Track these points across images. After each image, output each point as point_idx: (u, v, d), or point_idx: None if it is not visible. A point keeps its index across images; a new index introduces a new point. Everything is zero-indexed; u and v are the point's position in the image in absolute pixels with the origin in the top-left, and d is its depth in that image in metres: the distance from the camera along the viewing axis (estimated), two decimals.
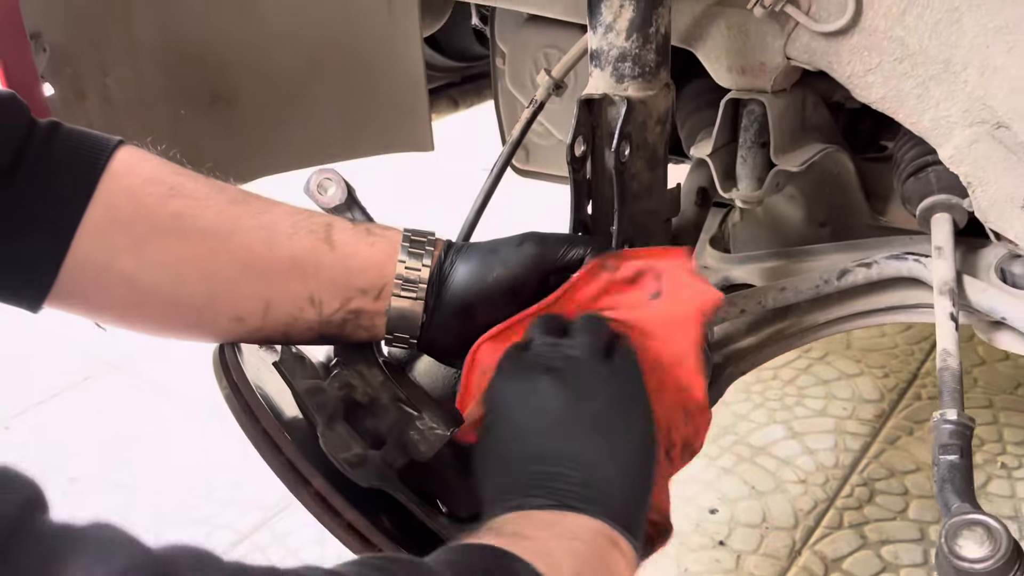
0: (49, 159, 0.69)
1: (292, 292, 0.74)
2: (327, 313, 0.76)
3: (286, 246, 0.74)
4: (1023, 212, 0.87)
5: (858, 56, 0.89)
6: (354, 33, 1.20)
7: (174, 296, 0.73)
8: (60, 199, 0.69)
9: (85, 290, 0.71)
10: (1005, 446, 1.55)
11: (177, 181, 0.73)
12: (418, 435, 0.75)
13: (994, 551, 0.70)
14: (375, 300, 0.76)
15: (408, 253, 0.77)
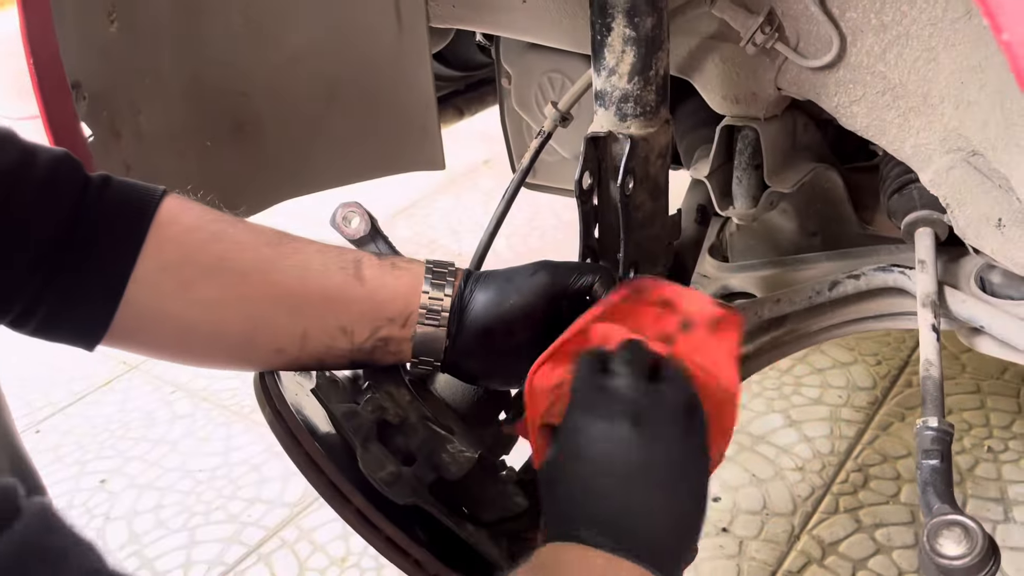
0: (103, 212, 0.76)
1: (326, 324, 0.81)
2: (358, 342, 0.83)
3: (319, 283, 0.81)
4: (997, 231, 0.95)
5: (843, 88, 0.96)
6: (367, 58, 1.26)
7: (218, 332, 0.80)
8: (114, 249, 0.76)
9: (136, 331, 0.78)
10: (992, 430, 1.63)
11: (218, 228, 0.80)
12: (449, 458, 0.82)
13: (971, 549, 0.78)
14: (402, 328, 0.83)
15: (431, 284, 0.84)
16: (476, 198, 2.90)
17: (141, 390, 2.11)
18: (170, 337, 0.80)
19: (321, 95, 1.26)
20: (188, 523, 1.67)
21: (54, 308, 0.74)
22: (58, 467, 1.86)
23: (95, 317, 0.75)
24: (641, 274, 0.98)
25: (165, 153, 1.14)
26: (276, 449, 1.89)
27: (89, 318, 0.76)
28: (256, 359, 0.83)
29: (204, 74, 1.16)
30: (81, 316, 0.76)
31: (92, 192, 0.76)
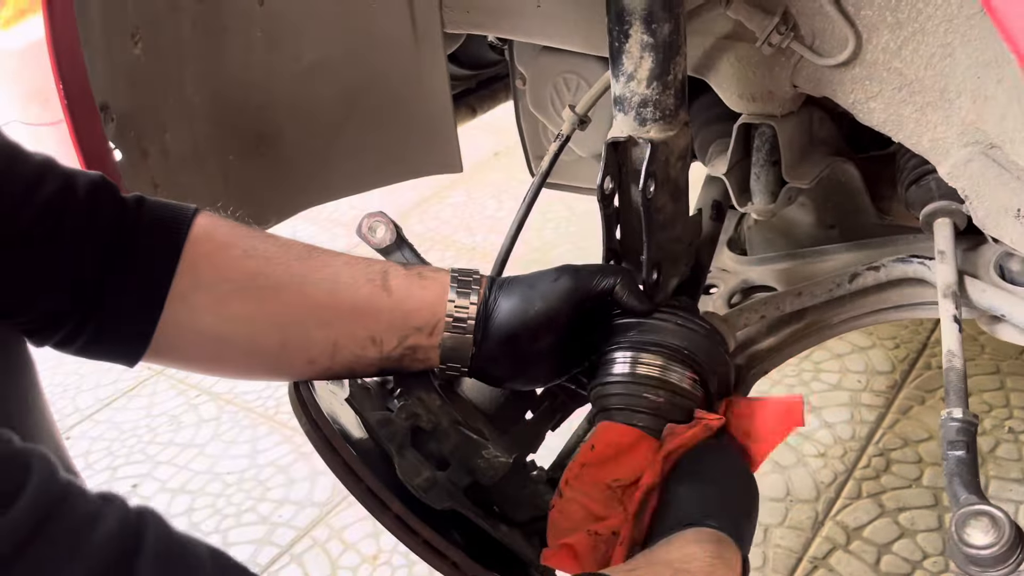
0: (139, 234, 0.78)
1: (356, 335, 0.84)
2: (387, 350, 0.85)
3: (348, 295, 0.83)
4: (1017, 221, 0.96)
5: (860, 85, 0.97)
6: (384, 67, 1.28)
7: (253, 345, 0.83)
8: (151, 270, 0.78)
9: (174, 347, 0.80)
10: (1012, 411, 1.64)
11: (249, 244, 0.82)
12: (485, 464, 0.85)
13: (999, 538, 0.79)
14: (429, 336, 0.85)
15: (456, 292, 0.86)
16: (488, 191, 2.92)
17: (166, 394, 2.14)
18: (206, 352, 0.83)
19: (340, 104, 1.28)
20: (220, 526, 1.70)
21: (97, 329, 0.77)
22: (90, 473, 1.89)
23: (136, 336, 0.78)
24: (665, 276, 1.00)
25: (191, 169, 1.16)
26: (303, 450, 1.93)
27: (130, 337, 0.78)
28: (289, 370, 0.85)
29: (226, 90, 1.18)
30: (122, 336, 0.79)
31: (129, 214, 0.78)
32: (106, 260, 0.76)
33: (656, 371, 0.86)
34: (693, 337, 0.89)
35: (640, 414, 0.84)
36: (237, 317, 0.81)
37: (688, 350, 0.88)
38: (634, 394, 0.85)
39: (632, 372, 0.86)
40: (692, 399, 0.88)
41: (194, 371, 0.89)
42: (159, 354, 0.81)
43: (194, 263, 0.79)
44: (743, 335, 1.14)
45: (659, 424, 0.85)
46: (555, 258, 2.40)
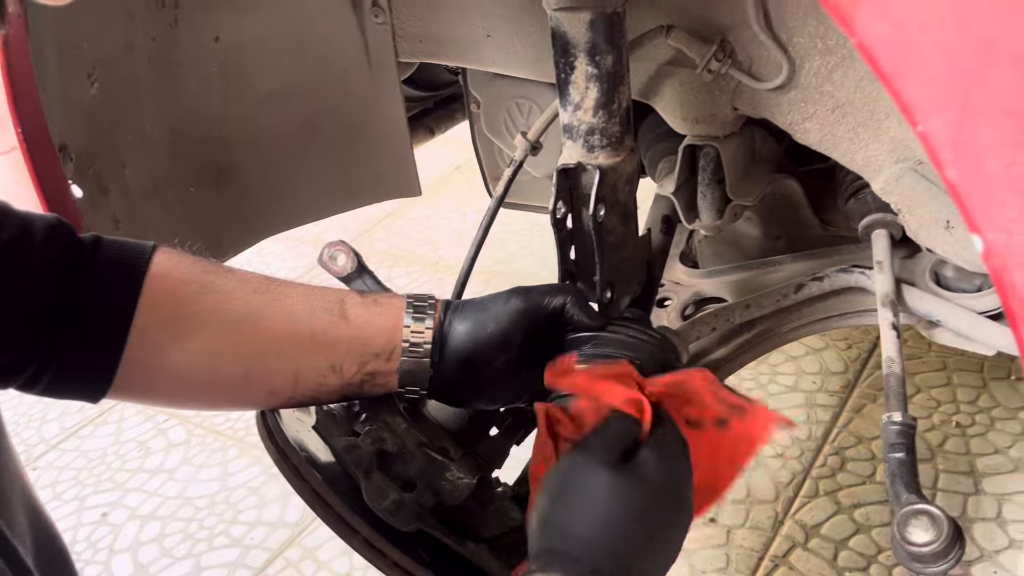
0: (98, 274, 0.80)
1: (316, 364, 0.86)
2: (347, 377, 0.87)
3: (306, 326, 0.85)
4: (947, 232, 1.01)
5: (796, 107, 1.02)
6: (340, 97, 1.30)
7: (215, 378, 0.84)
8: (112, 309, 0.79)
9: (136, 383, 0.82)
10: (959, 406, 1.70)
11: (207, 280, 0.84)
12: (449, 485, 0.88)
13: (938, 535, 0.84)
14: (387, 361, 0.87)
15: (412, 318, 0.88)
16: (450, 205, 2.95)
17: (134, 420, 2.14)
18: (169, 387, 0.84)
19: (297, 135, 1.30)
20: (193, 550, 1.71)
21: (59, 371, 0.79)
22: (58, 504, 1.89)
23: (99, 375, 0.80)
24: (618, 295, 1.03)
25: (151, 204, 1.18)
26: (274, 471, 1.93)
27: (93, 376, 0.80)
28: (252, 401, 0.87)
29: (184, 124, 1.20)
30: (86, 375, 0.80)
31: (87, 255, 0.80)
32: (65, 303, 0.77)
33: None
34: (644, 348, 0.92)
35: None
36: (199, 351, 0.82)
37: (639, 360, 0.91)
38: None
39: None
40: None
41: (158, 405, 0.91)
42: (122, 391, 0.82)
43: (154, 300, 0.80)
44: (696, 347, 1.18)
45: None
46: (518, 269, 2.44)
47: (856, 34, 0.40)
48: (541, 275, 2.38)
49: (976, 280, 1.10)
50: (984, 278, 1.10)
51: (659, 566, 0.70)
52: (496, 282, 2.37)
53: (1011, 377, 1.75)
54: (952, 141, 0.39)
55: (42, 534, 0.82)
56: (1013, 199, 0.39)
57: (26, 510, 0.80)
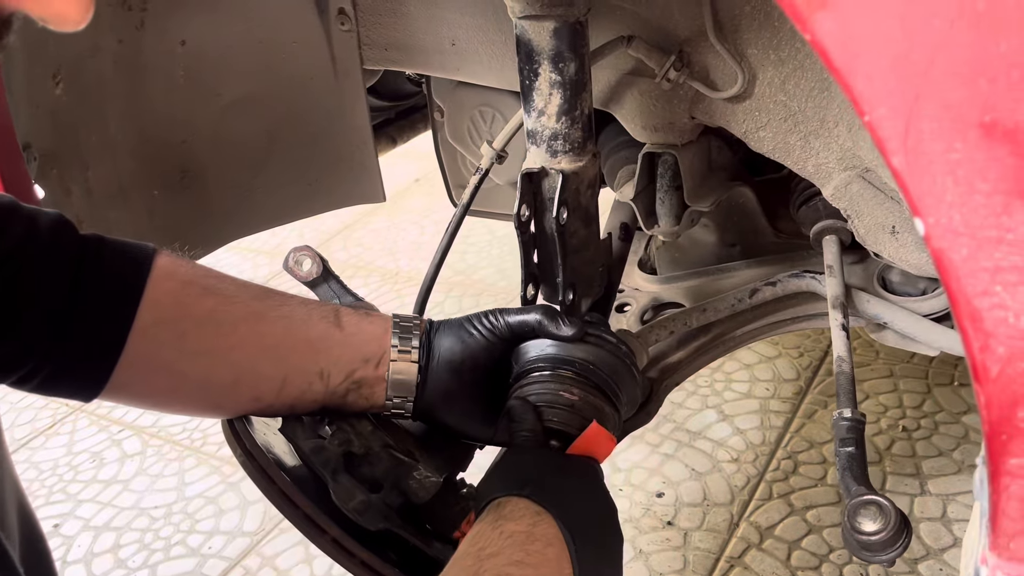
0: (101, 273, 0.80)
1: (305, 369, 0.87)
2: (333, 385, 0.88)
3: (302, 331, 0.87)
4: (892, 237, 1.06)
5: (750, 116, 1.06)
6: (305, 103, 1.32)
7: (206, 381, 0.85)
8: (114, 307, 0.80)
9: (132, 382, 0.82)
10: (905, 411, 1.76)
11: (209, 283, 0.86)
12: (417, 484, 0.89)
13: (886, 525, 0.88)
14: (376, 367, 0.88)
15: (400, 327, 0.90)
16: (410, 218, 2.96)
17: (87, 431, 2.11)
18: (161, 387, 0.85)
19: (261, 139, 1.31)
20: (148, 560, 1.69)
21: (58, 368, 0.79)
22: None
23: (96, 373, 0.80)
24: (580, 296, 1.06)
25: (115, 206, 1.18)
26: (232, 480, 1.92)
27: (90, 375, 0.80)
28: (234, 407, 0.88)
29: (148, 127, 1.20)
30: (83, 374, 0.80)
31: (90, 253, 0.81)
32: (67, 300, 0.78)
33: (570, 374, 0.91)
34: (599, 353, 0.94)
35: (555, 409, 0.89)
36: (196, 352, 0.83)
37: (594, 364, 0.93)
38: (552, 392, 0.89)
39: (551, 376, 0.91)
40: (594, 409, 0.92)
41: (145, 407, 0.90)
42: (115, 390, 0.82)
43: (156, 300, 0.81)
44: (655, 350, 1.21)
45: (574, 420, 0.89)
46: (478, 280, 2.46)
47: (809, 31, 0.43)
48: (500, 285, 2.40)
49: (920, 284, 1.16)
50: (928, 283, 1.15)
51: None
52: (456, 292, 2.39)
53: (954, 383, 1.82)
54: (896, 130, 0.42)
55: (30, 534, 0.81)
56: (952, 185, 0.43)
57: (17, 508, 0.80)
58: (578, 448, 0.88)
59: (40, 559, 0.85)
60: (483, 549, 0.72)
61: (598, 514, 0.81)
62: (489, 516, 0.76)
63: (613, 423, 0.93)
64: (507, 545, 0.72)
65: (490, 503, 0.78)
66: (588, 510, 0.80)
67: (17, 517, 0.80)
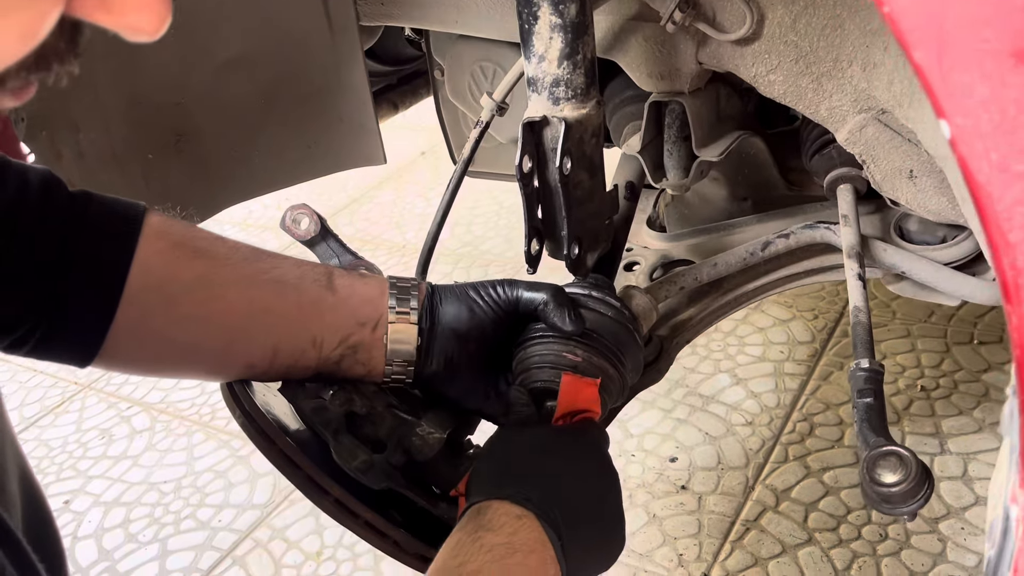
0: (91, 232, 0.78)
1: (298, 337, 0.84)
2: (326, 352, 0.85)
3: (294, 296, 0.84)
4: (910, 182, 1.02)
5: (760, 59, 1.01)
6: (301, 62, 1.28)
7: (197, 346, 0.82)
8: (105, 269, 0.78)
9: (123, 348, 0.80)
10: (923, 370, 1.72)
11: (199, 245, 0.82)
12: (420, 440, 0.86)
13: (906, 476, 0.85)
14: (372, 331, 0.85)
15: (397, 288, 0.87)
16: (416, 190, 2.93)
17: (95, 408, 2.10)
18: (152, 353, 0.83)
19: (258, 100, 1.28)
20: (159, 534, 1.68)
21: (51, 330, 0.77)
22: None
23: (88, 339, 0.78)
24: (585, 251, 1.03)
25: (109, 169, 1.15)
26: (241, 454, 1.91)
27: (83, 340, 0.78)
28: (227, 373, 0.85)
29: (141, 89, 1.17)
30: (77, 336, 0.78)
31: (78, 211, 0.78)
32: (60, 260, 0.76)
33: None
34: (602, 320, 0.91)
35: (558, 370, 0.86)
36: (185, 318, 0.81)
37: (598, 333, 0.90)
38: (555, 353, 0.86)
39: (554, 337, 0.88)
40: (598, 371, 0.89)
41: (135, 373, 0.88)
42: (108, 356, 0.80)
43: (146, 263, 0.79)
44: (664, 307, 1.18)
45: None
46: (485, 251, 2.43)
47: None
48: (508, 255, 2.37)
49: (940, 232, 1.11)
50: (947, 230, 1.11)
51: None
52: (464, 264, 2.36)
53: (974, 341, 1.78)
54: (918, 21, 0.39)
55: (32, 501, 0.79)
56: (980, 81, 0.39)
57: (19, 477, 0.78)
58: (564, 406, 0.85)
59: (44, 526, 0.83)
60: (464, 564, 0.69)
61: (589, 497, 0.78)
62: (469, 525, 0.72)
63: (617, 386, 0.91)
64: (487, 561, 0.68)
65: (470, 508, 0.75)
66: (577, 496, 0.76)
67: (19, 485, 0.78)
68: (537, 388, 0.88)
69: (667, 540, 1.46)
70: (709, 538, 1.45)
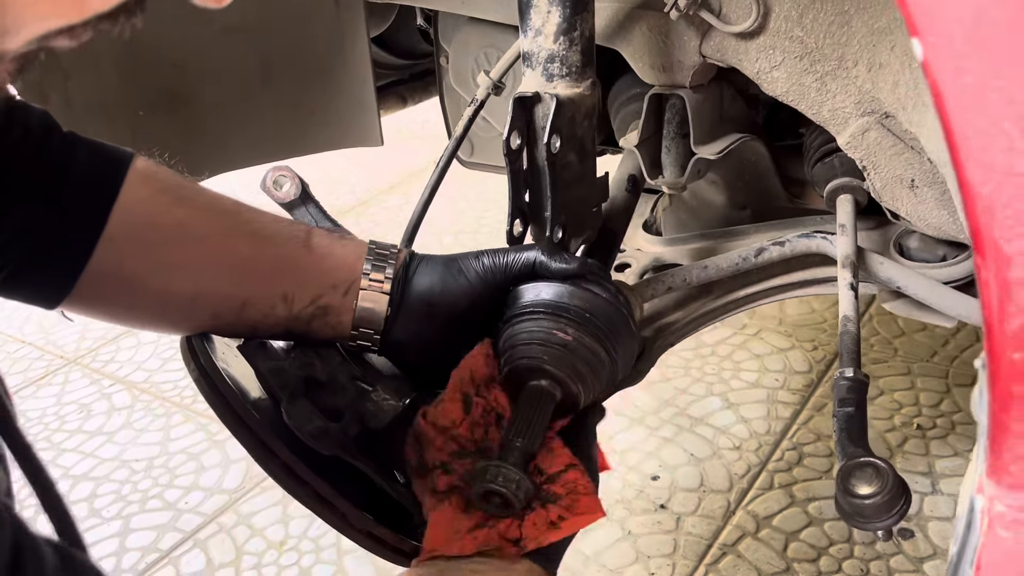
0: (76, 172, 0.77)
1: (269, 291, 0.82)
2: (297, 309, 0.83)
3: (270, 251, 0.82)
4: (911, 191, 0.98)
5: (764, 54, 0.99)
6: (303, 34, 1.27)
7: (166, 293, 0.81)
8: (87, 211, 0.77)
9: (95, 290, 0.78)
10: (921, 408, 1.67)
11: (182, 193, 0.82)
12: (374, 406, 0.83)
13: (882, 488, 0.80)
14: (344, 296, 0.83)
15: (375, 255, 0.84)
16: None
17: (78, 383, 2.07)
18: (123, 299, 0.81)
19: (257, 69, 1.26)
20: (123, 512, 1.64)
21: (24, 263, 0.75)
22: None
23: (61, 278, 0.77)
24: (569, 236, 0.99)
25: (96, 120, 1.14)
26: (217, 438, 1.87)
27: (57, 277, 0.77)
28: (192, 323, 0.83)
29: (137, 44, 1.16)
30: (47, 276, 0.77)
31: (67, 151, 0.78)
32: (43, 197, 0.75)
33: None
34: (596, 301, 0.86)
35: (547, 348, 0.82)
36: (159, 265, 0.80)
37: (591, 313, 0.85)
38: (545, 330, 0.82)
39: (545, 314, 0.83)
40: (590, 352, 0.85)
41: (104, 319, 0.86)
42: (78, 299, 0.79)
43: (127, 207, 0.78)
44: (651, 307, 1.14)
45: (565, 360, 0.82)
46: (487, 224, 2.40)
47: None
48: None
49: (940, 251, 1.08)
50: (948, 249, 1.07)
51: None
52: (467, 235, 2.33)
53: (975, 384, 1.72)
54: None
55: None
56: None
57: None
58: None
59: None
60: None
61: None
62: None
63: (607, 373, 0.85)
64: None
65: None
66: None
67: None
68: (522, 366, 0.83)
69: (640, 558, 1.41)
70: (684, 559, 1.39)
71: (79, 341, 2.27)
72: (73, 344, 2.26)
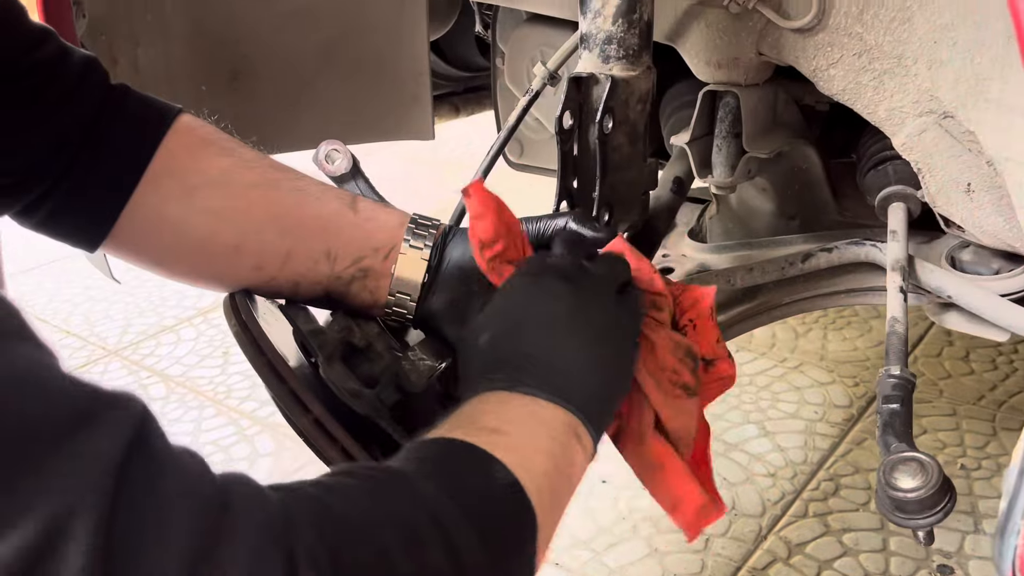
0: (123, 117, 0.78)
1: (312, 246, 0.82)
2: (339, 268, 0.83)
3: (314, 207, 0.83)
4: (966, 196, 0.96)
5: (822, 51, 0.99)
6: (365, 21, 1.29)
7: (209, 241, 0.81)
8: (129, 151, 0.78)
9: (135, 233, 0.79)
10: (966, 450, 1.62)
11: (229, 145, 0.83)
12: (410, 366, 0.82)
13: (926, 482, 0.77)
14: (384, 260, 0.83)
15: (417, 222, 0.85)
16: None
17: (117, 374, 2.10)
18: (164, 243, 0.81)
19: (317, 54, 1.29)
20: None
21: (65, 200, 0.76)
22: None
23: (102, 213, 0.77)
24: (615, 219, 0.99)
25: (161, 89, 1.16)
26: (247, 433, 1.88)
27: (96, 214, 0.77)
28: (234, 275, 0.83)
29: (205, 20, 1.19)
30: (89, 211, 0.78)
31: (115, 97, 0.79)
32: (86, 133, 0.76)
33: None
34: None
35: None
36: (202, 210, 0.80)
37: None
38: None
39: None
40: None
41: (144, 265, 0.86)
42: (117, 241, 0.79)
43: (171, 151, 0.79)
44: None
45: None
46: None
47: None
48: None
49: (994, 264, 1.05)
50: (1003, 262, 1.05)
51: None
52: None
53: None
54: None
55: None
56: None
57: None
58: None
59: None
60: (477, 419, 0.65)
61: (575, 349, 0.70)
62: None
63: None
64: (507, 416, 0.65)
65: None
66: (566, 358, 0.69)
67: None
68: None
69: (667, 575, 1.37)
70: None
71: (121, 335, 2.31)
72: (115, 337, 2.29)
